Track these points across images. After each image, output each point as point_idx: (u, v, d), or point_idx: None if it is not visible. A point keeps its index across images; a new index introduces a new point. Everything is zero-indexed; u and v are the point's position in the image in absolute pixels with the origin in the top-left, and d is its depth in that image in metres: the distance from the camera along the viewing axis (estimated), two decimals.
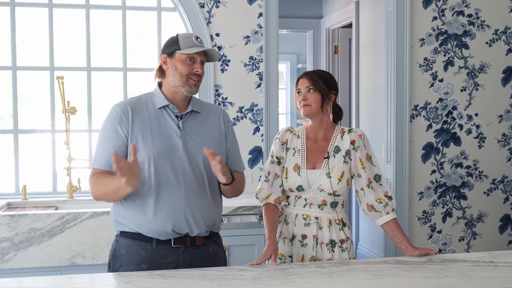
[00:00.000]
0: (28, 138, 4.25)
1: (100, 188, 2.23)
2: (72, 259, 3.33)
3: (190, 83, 2.27)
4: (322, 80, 2.52)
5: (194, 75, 2.27)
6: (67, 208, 3.78)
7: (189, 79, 2.26)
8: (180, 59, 2.26)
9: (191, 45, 2.26)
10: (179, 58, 2.27)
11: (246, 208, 3.57)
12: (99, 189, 2.23)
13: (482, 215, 4.57)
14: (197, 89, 2.30)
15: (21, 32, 4.10)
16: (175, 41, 2.29)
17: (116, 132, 2.24)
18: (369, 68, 5.09)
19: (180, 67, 2.26)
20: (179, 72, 2.26)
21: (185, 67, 2.26)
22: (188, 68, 2.26)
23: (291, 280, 2.06)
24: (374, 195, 2.47)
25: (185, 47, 2.25)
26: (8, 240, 3.27)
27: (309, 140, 2.56)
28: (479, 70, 4.49)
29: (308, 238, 2.48)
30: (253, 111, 4.20)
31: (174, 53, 2.28)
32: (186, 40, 2.27)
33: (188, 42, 2.26)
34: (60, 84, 3.87)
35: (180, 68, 2.26)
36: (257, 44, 4.19)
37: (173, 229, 2.23)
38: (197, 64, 2.27)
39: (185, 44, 2.26)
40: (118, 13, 4.19)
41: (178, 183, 2.23)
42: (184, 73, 2.26)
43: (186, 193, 2.24)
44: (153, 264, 2.24)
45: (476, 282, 2.03)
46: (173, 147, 2.25)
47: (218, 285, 1.98)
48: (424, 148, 4.45)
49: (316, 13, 6.29)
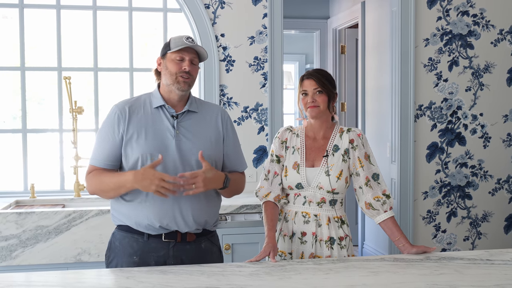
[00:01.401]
0: (38, 138, 4.32)
1: (98, 185, 2.32)
2: (78, 256, 3.39)
3: (179, 80, 2.33)
4: (328, 81, 2.56)
5: (183, 73, 2.33)
6: (74, 206, 3.85)
7: (178, 76, 2.33)
8: (170, 59, 2.35)
9: (180, 44, 2.34)
10: (169, 58, 2.35)
11: (250, 207, 3.61)
12: (97, 186, 2.33)
13: (487, 215, 4.58)
14: (187, 87, 2.36)
15: (29, 33, 4.17)
16: (168, 43, 2.39)
17: (113, 132, 2.32)
18: (375, 68, 5.11)
19: (170, 66, 2.34)
20: (169, 71, 2.34)
21: (174, 65, 2.33)
22: (177, 66, 2.33)
23: (287, 276, 2.09)
24: (372, 193, 2.51)
25: (174, 47, 2.34)
26: (16, 237, 3.33)
27: (308, 139, 2.60)
28: (484, 70, 4.50)
29: (308, 236, 2.52)
30: (257, 111, 4.24)
31: (166, 54, 2.37)
32: (176, 40, 2.36)
33: (178, 42, 2.35)
34: (68, 84, 3.93)
35: (170, 67, 2.34)
36: (262, 44, 4.22)
37: (161, 225, 2.30)
38: (186, 62, 2.34)
39: (175, 44, 2.34)
40: (126, 14, 4.25)
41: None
42: (173, 71, 2.33)
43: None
44: (144, 256, 2.31)
45: (470, 279, 2.05)
46: (165, 146, 2.31)
47: (216, 280, 2.02)
48: (429, 147, 4.46)
49: (323, 13, 6.32)
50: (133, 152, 2.30)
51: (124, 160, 2.33)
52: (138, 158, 2.29)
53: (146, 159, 2.28)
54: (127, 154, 2.31)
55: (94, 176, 2.32)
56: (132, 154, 2.29)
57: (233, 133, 2.50)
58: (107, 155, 2.32)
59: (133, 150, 2.30)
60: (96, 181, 2.32)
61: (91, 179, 2.33)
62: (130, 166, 2.31)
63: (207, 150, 2.36)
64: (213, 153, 2.38)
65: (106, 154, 2.32)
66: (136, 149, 2.29)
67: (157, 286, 1.95)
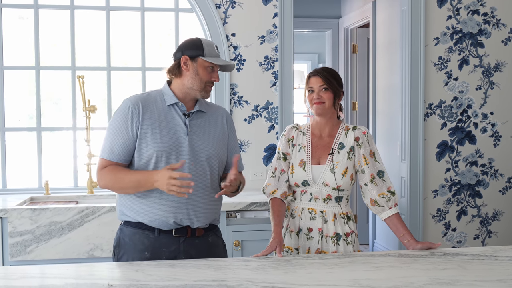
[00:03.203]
0: (52, 136, 4.41)
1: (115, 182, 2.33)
2: (91, 252, 3.46)
3: (206, 89, 2.39)
4: (334, 79, 2.60)
5: (211, 83, 2.39)
6: (87, 203, 3.92)
7: (206, 85, 2.38)
8: (202, 66, 2.37)
9: (214, 54, 2.38)
10: (201, 64, 2.37)
11: (259, 204, 3.65)
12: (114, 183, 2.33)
13: (497, 214, 4.58)
14: (209, 95, 2.44)
15: (44, 33, 4.25)
16: (199, 46, 2.37)
17: (127, 126, 2.33)
18: (385, 67, 5.13)
19: (201, 72, 2.37)
20: (199, 77, 2.37)
21: (206, 74, 2.37)
22: (208, 76, 2.38)
23: (293, 270, 2.14)
24: (377, 190, 2.54)
25: (209, 55, 2.36)
26: (30, 233, 3.41)
27: (314, 136, 2.64)
28: (494, 69, 4.50)
29: (314, 231, 2.56)
30: (268, 109, 4.29)
31: (197, 58, 2.37)
32: (209, 48, 2.38)
33: (211, 51, 2.38)
34: (81, 83, 4.00)
35: (201, 74, 2.37)
36: (272, 43, 4.27)
37: (175, 221, 2.35)
38: (216, 73, 2.40)
39: (209, 52, 2.37)
40: (139, 14, 4.32)
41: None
42: (204, 79, 2.37)
43: None
44: (155, 252, 2.36)
45: (473, 274, 2.08)
46: (179, 144, 2.35)
47: (223, 274, 2.07)
48: (439, 146, 4.48)
49: (334, 13, 6.35)
50: (148, 149, 2.33)
51: (136, 156, 2.34)
52: (152, 155, 2.32)
53: (161, 156, 2.32)
54: (141, 150, 2.33)
55: (111, 172, 2.33)
56: (147, 151, 2.33)
57: (234, 134, 2.59)
58: (122, 149, 2.33)
59: (148, 147, 2.33)
60: (112, 177, 2.32)
61: (106, 175, 2.34)
62: (143, 163, 2.34)
63: (216, 148, 2.43)
64: (220, 152, 2.46)
65: (122, 148, 2.33)
66: (151, 146, 2.32)
67: (165, 279, 2.00)
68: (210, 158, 2.40)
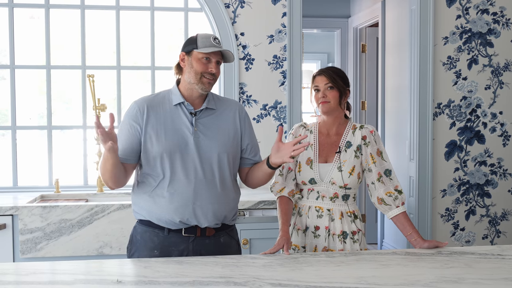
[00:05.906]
0: (63, 135, 4.45)
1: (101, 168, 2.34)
2: (100, 249, 3.49)
3: (203, 81, 2.37)
4: (340, 77, 2.61)
5: (208, 74, 2.36)
6: (96, 201, 3.95)
7: (203, 77, 2.36)
8: (196, 58, 2.36)
9: (208, 45, 2.36)
10: (195, 57, 2.37)
11: (268, 203, 3.67)
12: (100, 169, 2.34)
13: (506, 213, 4.57)
14: (210, 87, 2.40)
15: (55, 32, 4.29)
16: (194, 40, 2.39)
17: (131, 127, 2.38)
18: (394, 66, 5.13)
19: (195, 65, 2.36)
20: (194, 70, 2.36)
21: (201, 65, 2.36)
22: (203, 67, 2.36)
23: (299, 268, 2.15)
24: (384, 189, 2.55)
25: (202, 46, 2.35)
26: (41, 230, 3.44)
27: (322, 135, 2.65)
28: (503, 68, 4.49)
29: (321, 230, 2.57)
30: (276, 108, 4.30)
31: (191, 52, 2.38)
32: (204, 40, 2.37)
33: (205, 42, 2.36)
34: (91, 82, 4.04)
35: (196, 66, 2.36)
36: (281, 43, 4.28)
37: (181, 220, 2.35)
38: (212, 64, 2.37)
39: (202, 43, 2.36)
40: (149, 13, 4.35)
41: (188, 177, 2.35)
42: (198, 71, 2.36)
43: (195, 188, 2.35)
44: (164, 250, 2.38)
45: (479, 273, 2.08)
46: (184, 143, 2.36)
47: (230, 271, 2.09)
48: (448, 146, 4.47)
49: (344, 12, 6.35)
50: (153, 149, 2.35)
51: (143, 157, 2.38)
52: (157, 155, 2.35)
53: (167, 156, 2.34)
54: (147, 150, 2.37)
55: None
56: (152, 151, 2.35)
57: (250, 128, 2.54)
58: (122, 149, 2.36)
59: (153, 147, 2.35)
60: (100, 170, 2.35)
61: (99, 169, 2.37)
62: (150, 163, 2.37)
63: (225, 146, 2.41)
64: (231, 149, 2.44)
65: (122, 147, 2.36)
66: (156, 146, 2.35)
67: (172, 275, 2.03)
68: (219, 156, 2.39)
